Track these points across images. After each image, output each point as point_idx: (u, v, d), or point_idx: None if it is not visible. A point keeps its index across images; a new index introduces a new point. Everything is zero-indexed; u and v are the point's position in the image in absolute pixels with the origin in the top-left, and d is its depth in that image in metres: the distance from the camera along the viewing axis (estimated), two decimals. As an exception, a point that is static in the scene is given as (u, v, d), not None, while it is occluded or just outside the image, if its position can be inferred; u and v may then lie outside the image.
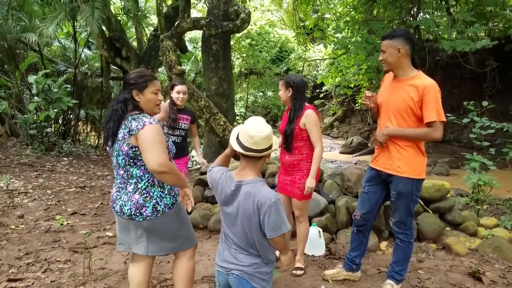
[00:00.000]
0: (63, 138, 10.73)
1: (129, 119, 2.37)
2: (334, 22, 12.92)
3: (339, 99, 14.34)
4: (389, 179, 3.09)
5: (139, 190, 2.41)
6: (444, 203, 4.55)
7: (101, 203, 5.97)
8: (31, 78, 7.73)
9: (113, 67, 10.71)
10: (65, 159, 9.08)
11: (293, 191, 3.58)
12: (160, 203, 2.44)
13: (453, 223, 4.56)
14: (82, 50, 11.52)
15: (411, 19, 10.16)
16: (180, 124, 4.44)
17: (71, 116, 11.73)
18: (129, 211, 2.40)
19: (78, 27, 11.41)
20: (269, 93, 13.59)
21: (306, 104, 3.52)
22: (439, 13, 10.01)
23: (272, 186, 4.21)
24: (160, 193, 2.45)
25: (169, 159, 2.53)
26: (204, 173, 5.70)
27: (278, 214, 2.09)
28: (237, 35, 15.11)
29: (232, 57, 15.35)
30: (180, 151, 4.21)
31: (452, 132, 13.56)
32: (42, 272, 3.69)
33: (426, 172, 3.16)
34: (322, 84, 14.08)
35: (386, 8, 11.31)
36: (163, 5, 10.24)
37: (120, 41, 9.19)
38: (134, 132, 2.30)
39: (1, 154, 8.50)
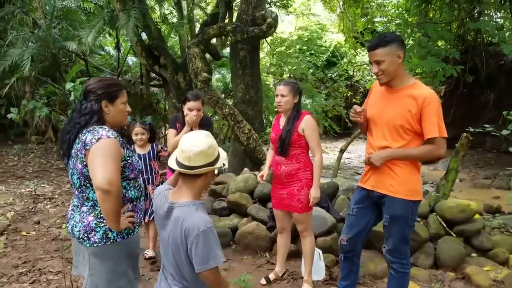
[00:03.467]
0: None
1: (84, 132, 2.11)
2: (387, 25, 12.27)
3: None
4: (381, 200, 2.67)
5: (95, 213, 2.12)
6: (470, 226, 3.96)
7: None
8: (69, 85, 7.96)
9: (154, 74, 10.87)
10: (103, 164, 9.25)
11: (292, 204, 3.28)
12: (112, 230, 2.11)
13: (480, 248, 3.97)
14: (126, 57, 11.78)
15: (471, 21, 9.27)
16: None
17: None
18: (78, 233, 2.13)
19: (124, 35, 11.70)
20: (307, 100, 13.09)
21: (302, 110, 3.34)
22: (502, 14, 9.07)
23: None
24: None
25: (136, 177, 2.28)
26: (219, 183, 5.46)
27: (207, 245, 1.79)
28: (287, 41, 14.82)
29: (281, 63, 15.05)
30: None
31: (518, 143, 12.32)
32: (30, 283, 3.64)
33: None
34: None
35: (441, 10, 10.49)
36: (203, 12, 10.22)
37: (158, 49, 9.24)
38: (88, 147, 2.03)
39: (44, 159, 8.86)
